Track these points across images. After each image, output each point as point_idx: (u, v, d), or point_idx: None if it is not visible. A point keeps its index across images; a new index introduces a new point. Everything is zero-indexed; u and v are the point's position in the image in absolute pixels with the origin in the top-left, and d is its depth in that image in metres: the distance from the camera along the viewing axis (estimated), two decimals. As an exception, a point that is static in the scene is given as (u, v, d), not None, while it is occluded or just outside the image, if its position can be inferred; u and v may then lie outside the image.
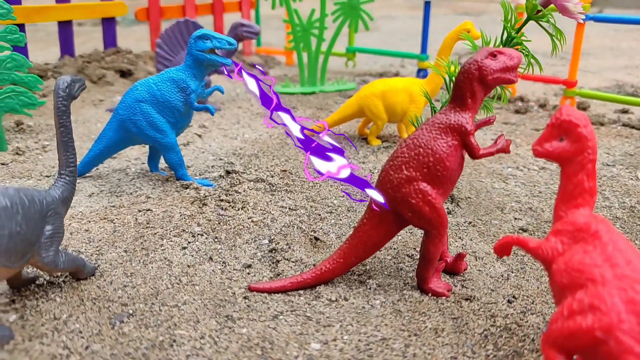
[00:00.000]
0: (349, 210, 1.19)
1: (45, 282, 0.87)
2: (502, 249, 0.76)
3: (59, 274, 0.87)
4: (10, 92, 1.52)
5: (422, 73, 2.48)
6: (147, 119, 1.21)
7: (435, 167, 0.83)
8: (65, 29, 2.14)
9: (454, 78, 1.21)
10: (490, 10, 6.77)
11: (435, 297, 0.87)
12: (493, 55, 0.83)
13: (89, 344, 0.74)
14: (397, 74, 2.61)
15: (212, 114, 1.23)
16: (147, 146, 1.45)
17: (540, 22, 1.11)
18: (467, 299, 0.88)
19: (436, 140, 0.83)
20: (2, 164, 1.42)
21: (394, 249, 1.03)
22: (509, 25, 1.09)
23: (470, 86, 0.83)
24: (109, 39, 2.28)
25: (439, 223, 0.84)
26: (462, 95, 0.84)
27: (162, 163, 1.40)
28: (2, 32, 1.48)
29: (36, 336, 0.75)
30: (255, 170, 1.40)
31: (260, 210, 1.17)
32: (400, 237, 1.07)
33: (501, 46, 1.14)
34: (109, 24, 2.27)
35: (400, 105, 1.56)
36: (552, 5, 1.09)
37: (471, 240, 1.08)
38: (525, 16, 1.06)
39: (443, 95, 1.34)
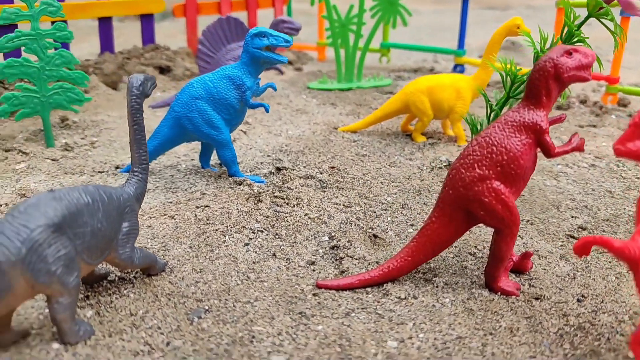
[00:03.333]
0: (403, 208, 1.19)
1: (116, 279, 0.88)
2: (582, 249, 0.75)
3: (130, 270, 0.88)
4: (58, 89, 1.53)
5: (458, 68, 2.46)
6: (202, 116, 1.21)
7: (509, 165, 0.82)
8: (105, 25, 2.16)
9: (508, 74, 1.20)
10: (514, 5, 6.69)
11: (505, 296, 0.87)
12: (569, 53, 0.82)
13: (170, 340, 0.75)
14: (431, 70, 2.60)
15: (267, 111, 1.23)
16: (195, 143, 1.46)
17: (602, 19, 1.10)
18: (537, 298, 0.87)
19: (510, 139, 0.83)
20: (53, 160, 1.44)
21: (456, 247, 1.03)
22: (570, 21, 1.08)
23: (546, 84, 0.83)
24: (147, 36, 2.30)
25: (512, 222, 0.83)
26: (537, 92, 0.83)
27: (212, 159, 1.41)
28: (51, 29, 1.50)
29: (115, 332, 0.76)
30: (304, 167, 1.40)
31: (315, 207, 1.18)
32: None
33: (560, 42, 1.14)
34: (147, 21, 2.29)
35: (447, 102, 1.55)
36: (615, 2, 1.08)
37: (531, 238, 1.07)
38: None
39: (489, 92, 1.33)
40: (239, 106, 1.23)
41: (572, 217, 1.17)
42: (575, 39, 1.08)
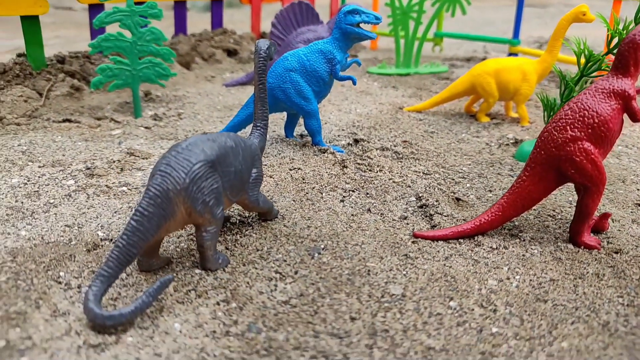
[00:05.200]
0: (479, 176, 1.28)
1: (237, 221, 0.99)
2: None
3: (253, 212, 0.98)
4: (147, 63, 1.65)
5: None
6: (295, 87, 1.31)
7: (599, 128, 0.90)
8: (180, 9, 2.28)
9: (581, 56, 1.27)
10: (554, 2, 6.69)
11: (588, 250, 0.95)
12: (657, 26, 0.90)
13: (297, 269, 0.85)
14: (484, 59, 2.67)
15: (355, 84, 1.33)
16: (275, 115, 1.56)
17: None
18: (616, 252, 0.95)
19: (600, 104, 0.91)
20: (146, 127, 1.55)
21: (535, 210, 1.11)
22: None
23: (635, 55, 0.91)
24: (217, 20, 2.41)
25: (599, 180, 0.92)
26: (626, 63, 0.91)
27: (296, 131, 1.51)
28: (143, 7, 1.61)
29: (247, 262, 0.86)
30: (379, 140, 1.50)
31: (397, 173, 1.27)
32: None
33: (632, 25, 1.21)
34: (217, 6, 2.40)
35: (513, 84, 1.63)
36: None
37: (604, 206, 1.15)
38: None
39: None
40: (328, 79, 1.33)
41: (638, 189, 1.24)
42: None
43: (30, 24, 1.78)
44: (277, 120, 1.64)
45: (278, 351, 0.67)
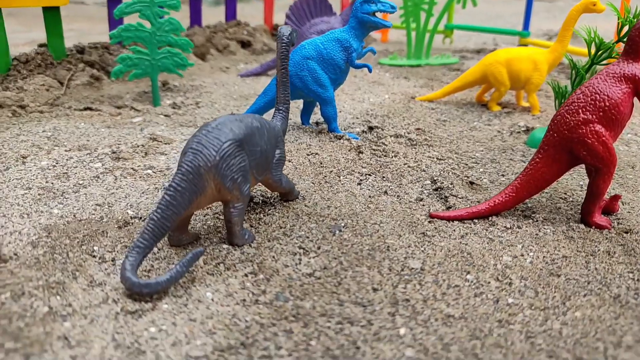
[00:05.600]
0: (492, 162, 1.31)
1: (260, 201, 1.03)
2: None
3: (276, 192, 1.02)
4: (166, 54, 1.69)
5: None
6: (312, 74, 1.35)
7: (610, 110, 0.93)
8: (195, 1, 2.32)
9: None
10: (562, -4, 6.69)
11: (599, 229, 0.98)
12: (668, 12, 0.93)
13: (320, 245, 0.89)
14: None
15: (370, 72, 1.36)
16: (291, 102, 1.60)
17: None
18: (626, 232, 0.98)
19: (611, 87, 0.94)
20: (165, 115, 1.59)
21: (547, 192, 1.14)
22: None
23: (646, 40, 0.94)
24: (230, 13, 2.45)
25: (610, 161, 0.95)
26: (636, 48, 0.94)
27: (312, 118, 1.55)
28: (162, -2, 1.65)
29: (272, 239, 0.90)
30: (392, 127, 1.53)
31: (412, 158, 1.30)
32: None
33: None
34: (231, 0, 2.44)
35: (524, 73, 1.66)
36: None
37: (613, 189, 1.18)
38: None
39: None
40: (344, 67, 1.36)
41: (649, 175, 1.28)
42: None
43: (52, 15, 1.82)
44: (292, 109, 1.67)
45: (306, 317, 0.71)
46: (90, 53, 1.91)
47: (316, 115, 1.61)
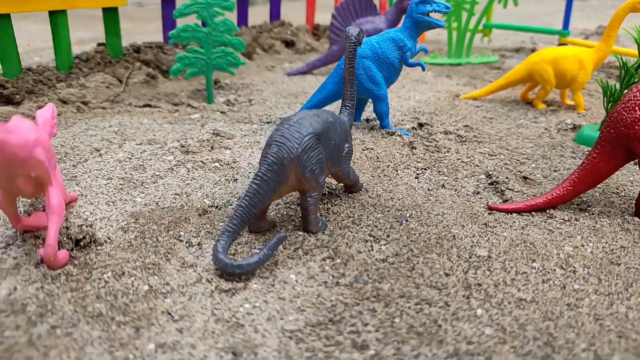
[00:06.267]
0: (543, 158, 1.35)
1: (327, 193, 1.08)
2: None
3: (343, 183, 1.08)
4: (220, 53, 1.75)
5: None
6: (367, 73, 1.40)
7: (668, 107, 0.97)
8: (243, 2, 2.39)
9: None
10: (595, -5, 6.62)
11: (655, 222, 1.02)
12: None
13: (388, 233, 0.94)
14: (533, 50, 2.71)
15: (424, 70, 1.41)
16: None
17: None
18: (682, 226, 1.02)
19: (670, 85, 0.98)
20: (221, 112, 1.66)
21: (600, 188, 1.18)
22: None
23: None
24: (275, 13, 2.52)
25: (667, 157, 0.98)
26: (695, 47, 0.98)
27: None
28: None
29: (343, 227, 0.96)
30: (441, 124, 1.58)
31: (464, 154, 1.35)
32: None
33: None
34: (275, 0, 2.50)
35: (570, 72, 1.69)
36: None
37: (665, 185, 1.21)
38: None
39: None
40: (398, 65, 1.41)
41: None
42: None
43: (110, 16, 1.91)
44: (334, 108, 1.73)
45: (386, 298, 0.76)
46: (146, 52, 1.99)
47: (365, 112, 1.66)
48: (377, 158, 1.29)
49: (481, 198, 1.11)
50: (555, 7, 5.31)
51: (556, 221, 1.02)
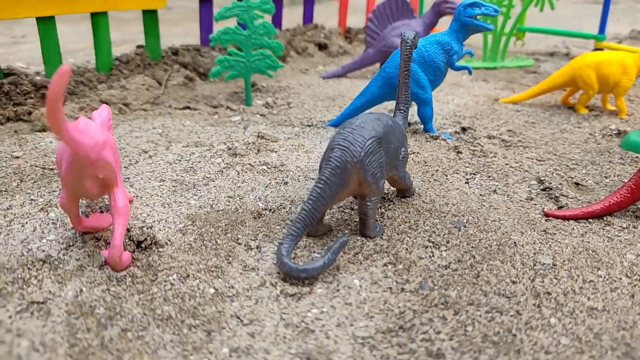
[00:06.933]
0: (592, 163, 1.32)
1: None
2: None
3: (398, 188, 1.07)
4: (259, 56, 1.75)
5: (596, 53, 2.54)
6: (413, 76, 1.39)
7: None
8: (277, 5, 2.39)
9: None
10: (619, 0, 6.54)
11: None
12: None
13: (448, 239, 0.93)
14: (567, 54, 2.68)
15: (470, 74, 1.40)
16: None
17: None
18: None
19: None
20: (261, 115, 1.66)
21: (656, 194, 1.16)
22: None
23: None
24: (308, 16, 2.52)
25: None
26: None
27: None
28: (258, 2, 1.72)
29: (400, 232, 0.95)
30: (483, 128, 1.56)
31: (512, 159, 1.33)
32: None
33: None
34: (309, 3, 2.50)
35: (613, 77, 1.66)
36: None
37: None
38: None
39: None
40: (444, 69, 1.40)
41: None
42: None
43: (150, 18, 1.92)
44: (381, 110, 1.72)
45: (455, 306, 0.75)
46: (184, 55, 2.00)
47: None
48: (425, 162, 1.28)
49: (535, 204, 1.10)
50: (583, 11, 5.25)
51: (614, 229, 1.00)
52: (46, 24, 1.64)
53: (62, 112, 0.63)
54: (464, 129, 1.53)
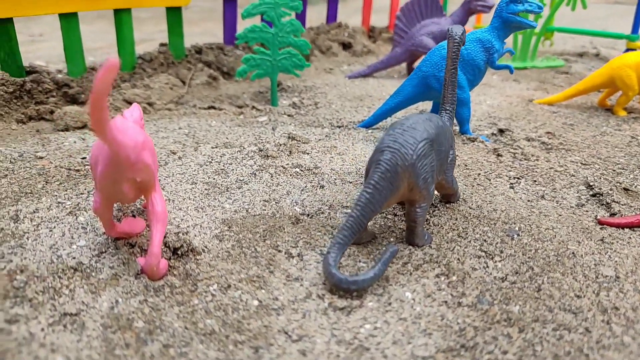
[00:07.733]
0: (639, 168, 1.26)
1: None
2: None
3: (445, 193, 1.01)
4: (286, 54, 1.70)
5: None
6: (451, 75, 1.33)
7: None
8: (300, 2, 2.34)
9: None
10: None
11: None
12: None
13: (502, 249, 0.87)
14: (597, 55, 2.61)
15: (512, 73, 1.34)
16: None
17: None
18: None
19: None
20: (288, 115, 1.61)
21: None
22: None
23: None
24: (332, 15, 2.46)
25: None
26: None
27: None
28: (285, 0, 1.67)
29: (449, 240, 0.89)
30: (521, 130, 1.50)
31: (555, 162, 1.27)
32: None
33: None
34: (333, 1, 2.45)
35: (656, 77, 1.59)
36: None
37: None
38: None
39: None
40: (483, 67, 1.34)
41: None
42: None
43: (174, 15, 1.87)
44: (410, 112, 1.66)
45: (519, 322, 0.70)
46: (207, 53, 1.95)
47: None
48: (465, 166, 1.22)
49: (587, 211, 1.04)
50: (608, 12, 5.17)
51: (676, 238, 0.94)
52: (69, 21, 1.60)
53: (106, 110, 0.58)
54: (501, 131, 1.47)
